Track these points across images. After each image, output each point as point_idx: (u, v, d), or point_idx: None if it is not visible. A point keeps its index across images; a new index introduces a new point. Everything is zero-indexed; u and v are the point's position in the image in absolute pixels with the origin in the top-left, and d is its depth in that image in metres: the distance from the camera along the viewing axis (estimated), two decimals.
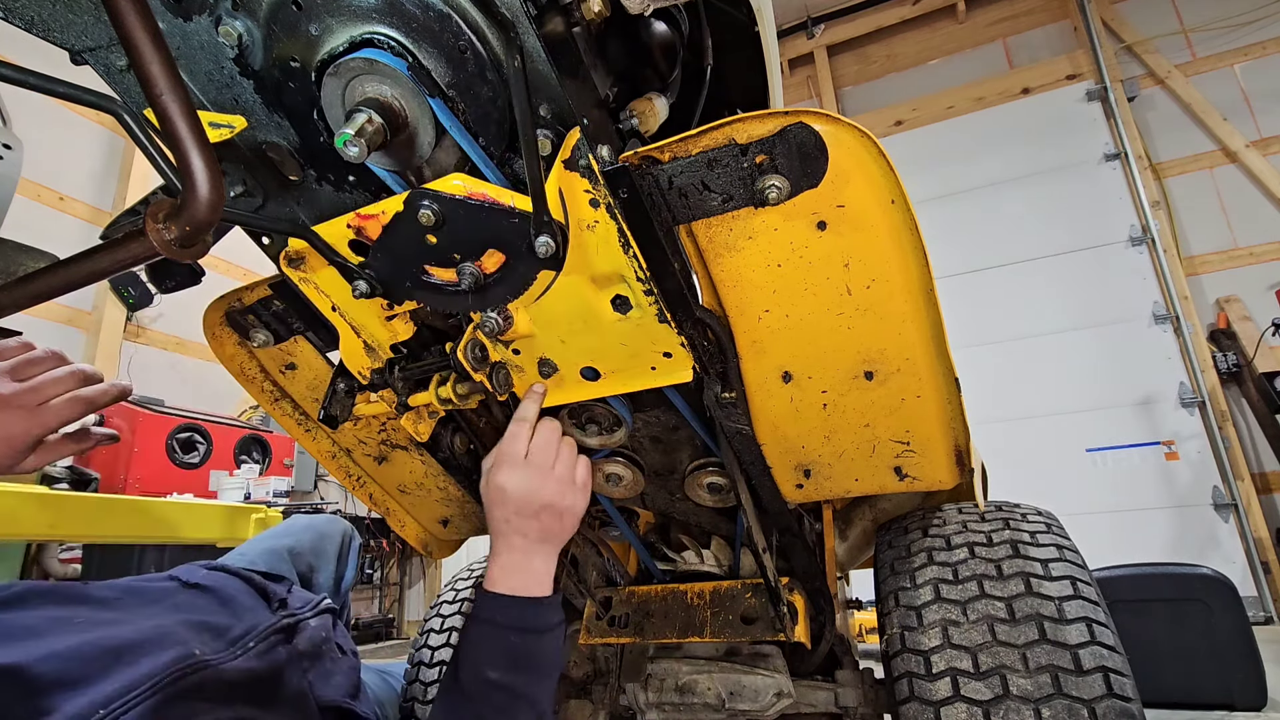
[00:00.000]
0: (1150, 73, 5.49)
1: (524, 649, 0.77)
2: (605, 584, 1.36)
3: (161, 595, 0.81)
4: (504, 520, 0.80)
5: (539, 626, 0.78)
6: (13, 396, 0.77)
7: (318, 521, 1.34)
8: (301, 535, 1.26)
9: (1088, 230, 5.29)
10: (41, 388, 0.79)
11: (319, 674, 0.84)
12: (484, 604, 0.78)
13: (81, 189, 4.68)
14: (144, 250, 0.50)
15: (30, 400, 0.78)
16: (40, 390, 0.79)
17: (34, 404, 0.78)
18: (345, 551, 1.34)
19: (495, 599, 0.78)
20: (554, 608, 0.81)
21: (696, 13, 0.92)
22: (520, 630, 0.77)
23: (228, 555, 1.15)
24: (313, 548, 1.26)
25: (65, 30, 0.63)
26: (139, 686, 0.58)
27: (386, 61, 0.61)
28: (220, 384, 5.17)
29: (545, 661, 0.78)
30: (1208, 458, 4.67)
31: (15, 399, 0.77)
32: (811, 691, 1.25)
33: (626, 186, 0.66)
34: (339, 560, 1.31)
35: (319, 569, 1.25)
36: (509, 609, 0.78)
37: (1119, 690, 0.80)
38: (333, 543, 1.31)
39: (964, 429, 0.88)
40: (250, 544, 1.20)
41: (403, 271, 0.76)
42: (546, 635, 0.79)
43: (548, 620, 0.79)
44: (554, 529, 0.81)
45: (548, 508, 0.80)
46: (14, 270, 1.11)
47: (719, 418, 0.90)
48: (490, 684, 0.74)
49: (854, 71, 6.64)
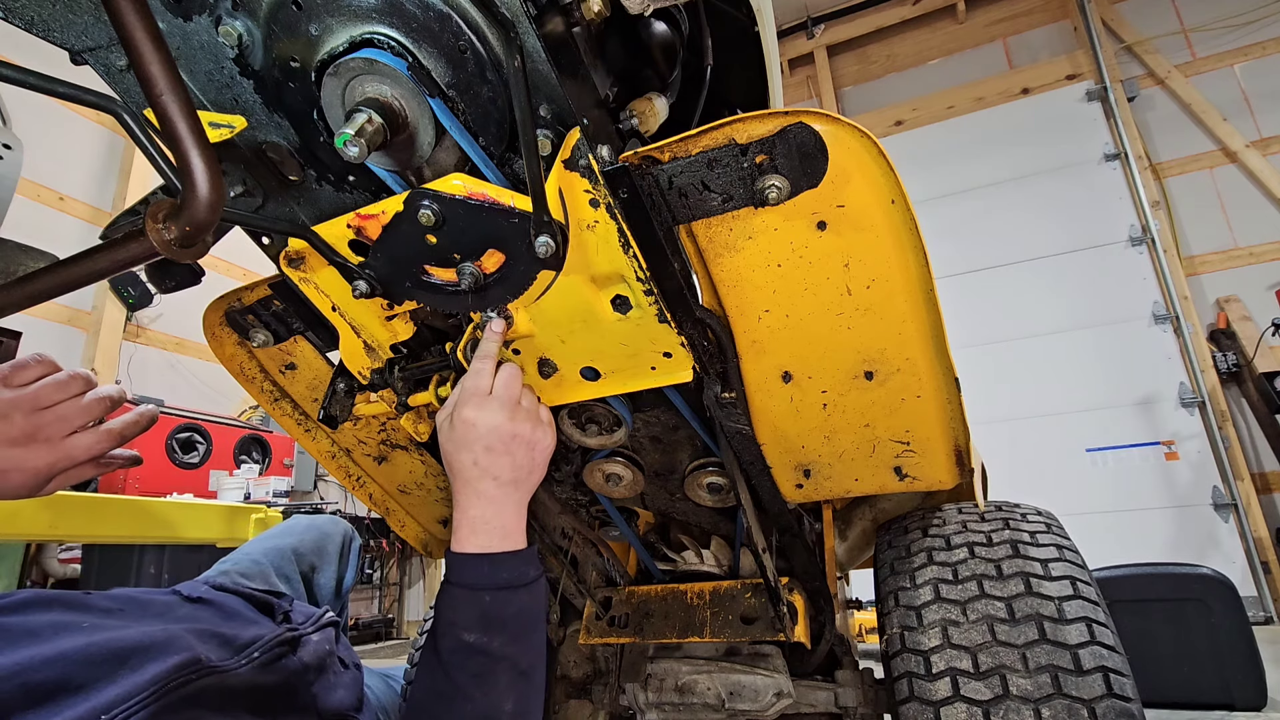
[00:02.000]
0: (1150, 73, 5.49)
1: (499, 608, 0.73)
2: (605, 584, 1.36)
3: (164, 609, 0.81)
4: (472, 463, 0.75)
5: (514, 582, 0.74)
6: (37, 430, 0.73)
7: (319, 521, 1.34)
8: (304, 535, 1.26)
9: (1088, 230, 5.29)
10: (69, 418, 0.75)
11: (323, 686, 0.83)
12: (454, 566, 0.74)
13: (81, 189, 4.69)
14: (144, 250, 0.50)
15: (56, 433, 0.74)
16: (68, 420, 0.75)
17: (59, 436, 0.74)
18: (346, 552, 1.34)
19: (466, 559, 0.74)
20: (529, 561, 0.77)
21: (696, 13, 0.92)
22: (494, 589, 0.73)
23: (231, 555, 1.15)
24: (315, 548, 1.26)
25: (65, 30, 0.63)
26: (143, 691, 0.58)
27: (386, 61, 0.61)
28: (220, 384, 5.17)
29: (524, 619, 0.75)
30: (1208, 458, 4.67)
31: (40, 432, 0.73)
32: (811, 691, 1.25)
33: (626, 186, 0.66)
34: (340, 560, 1.31)
35: (321, 569, 1.25)
36: (481, 567, 0.74)
37: (1119, 690, 0.80)
38: (334, 543, 1.31)
39: (964, 429, 0.88)
40: (253, 543, 1.20)
41: (403, 271, 0.76)
42: (522, 591, 0.75)
43: (524, 575, 0.75)
44: (525, 465, 0.78)
45: (518, 438, 0.76)
46: (14, 270, 1.11)
47: (719, 418, 0.90)
48: (468, 648, 0.71)
49: (854, 71, 6.65)
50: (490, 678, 0.71)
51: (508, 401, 0.77)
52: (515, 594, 0.74)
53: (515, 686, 0.72)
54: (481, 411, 0.76)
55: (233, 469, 4.17)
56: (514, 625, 0.73)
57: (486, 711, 0.69)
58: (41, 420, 0.74)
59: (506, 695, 0.71)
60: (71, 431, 0.76)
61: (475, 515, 0.75)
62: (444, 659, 0.71)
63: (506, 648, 0.72)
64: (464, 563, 0.74)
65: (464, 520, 0.76)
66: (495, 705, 0.70)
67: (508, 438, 0.76)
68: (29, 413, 0.73)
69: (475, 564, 0.74)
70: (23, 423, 0.72)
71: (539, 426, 0.80)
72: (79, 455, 0.77)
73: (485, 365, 0.78)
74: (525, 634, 0.75)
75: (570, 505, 1.28)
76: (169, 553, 2.83)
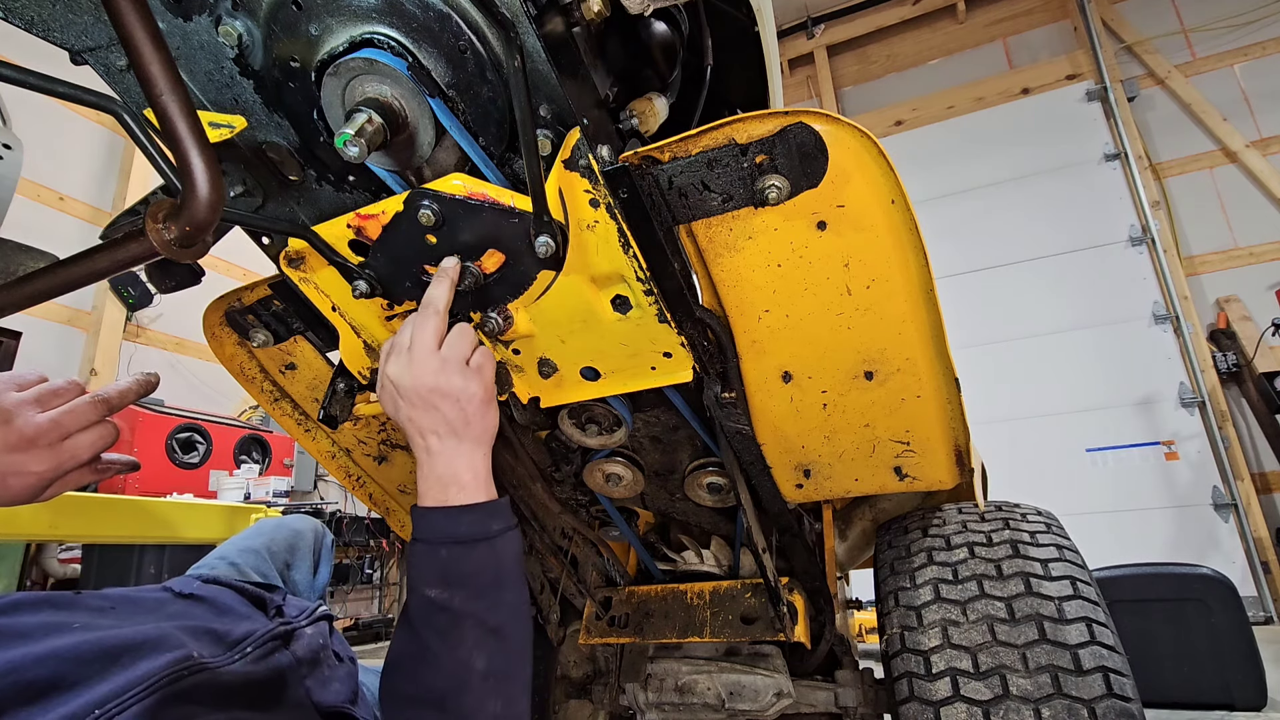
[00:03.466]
0: (1150, 73, 5.49)
1: (457, 563, 0.70)
2: (605, 584, 1.36)
3: (156, 605, 0.81)
4: (407, 419, 0.74)
5: (472, 536, 0.71)
6: (38, 435, 0.74)
7: (289, 520, 1.34)
8: (275, 534, 1.26)
9: (1088, 230, 5.29)
10: (64, 422, 0.76)
11: (317, 680, 0.83)
12: (415, 521, 0.73)
13: (81, 189, 4.68)
14: (144, 250, 0.50)
15: (54, 436, 0.75)
16: (62, 425, 0.76)
17: (57, 440, 0.75)
18: (319, 549, 1.34)
19: (423, 514, 0.72)
20: (492, 514, 0.74)
21: (696, 13, 0.92)
22: (451, 543, 0.71)
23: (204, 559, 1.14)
24: (288, 546, 1.26)
25: (65, 30, 0.63)
26: (135, 687, 0.58)
27: (386, 61, 0.61)
28: (220, 384, 5.17)
29: (486, 574, 0.72)
30: (1208, 458, 4.67)
31: (41, 437, 0.74)
32: (811, 691, 1.25)
33: (626, 186, 0.66)
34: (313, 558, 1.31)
35: (295, 566, 1.25)
36: (437, 521, 0.72)
37: (1119, 690, 0.80)
38: (306, 541, 1.31)
39: (964, 429, 0.88)
40: (225, 546, 1.19)
41: (403, 271, 0.76)
42: (483, 545, 0.72)
43: (484, 529, 0.72)
44: (458, 420, 0.74)
45: (436, 391, 0.73)
46: (14, 270, 1.11)
47: (719, 418, 0.90)
48: (431, 605, 0.69)
49: (854, 71, 6.64)
50: (455, 634, 0.68)
51: (423, 354, 0.73)
52: (473, 548, 0.71)
53: (485, 643, 0.69)
54: (393, 366, 0.73)
55: (233, 469, 4.17)
56: (476, 580, 0.71)
57: (453, 669, 0.68)
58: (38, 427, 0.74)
59: (475, 653, 0.68)
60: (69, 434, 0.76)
61: (428, 471, 0.74)
62: (412, 616, 0.70)
63: (468, 604, 0.70)
64: (422, 517, 0.73)
65: (420, 476, 0.74)
66: (462, 663, 0.68)
67: (426, 392, 0.73)
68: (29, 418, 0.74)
69: (431, 518, 0.72)
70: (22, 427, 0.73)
71: (457, 374, 0.74)
72: (82, 454, 0.77)
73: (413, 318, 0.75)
74: (490, 589, 0.72)
75: (570, 505, 1.28)
76: (169, 553, 2.83)
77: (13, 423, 0.72)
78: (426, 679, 0.68)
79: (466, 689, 0.67)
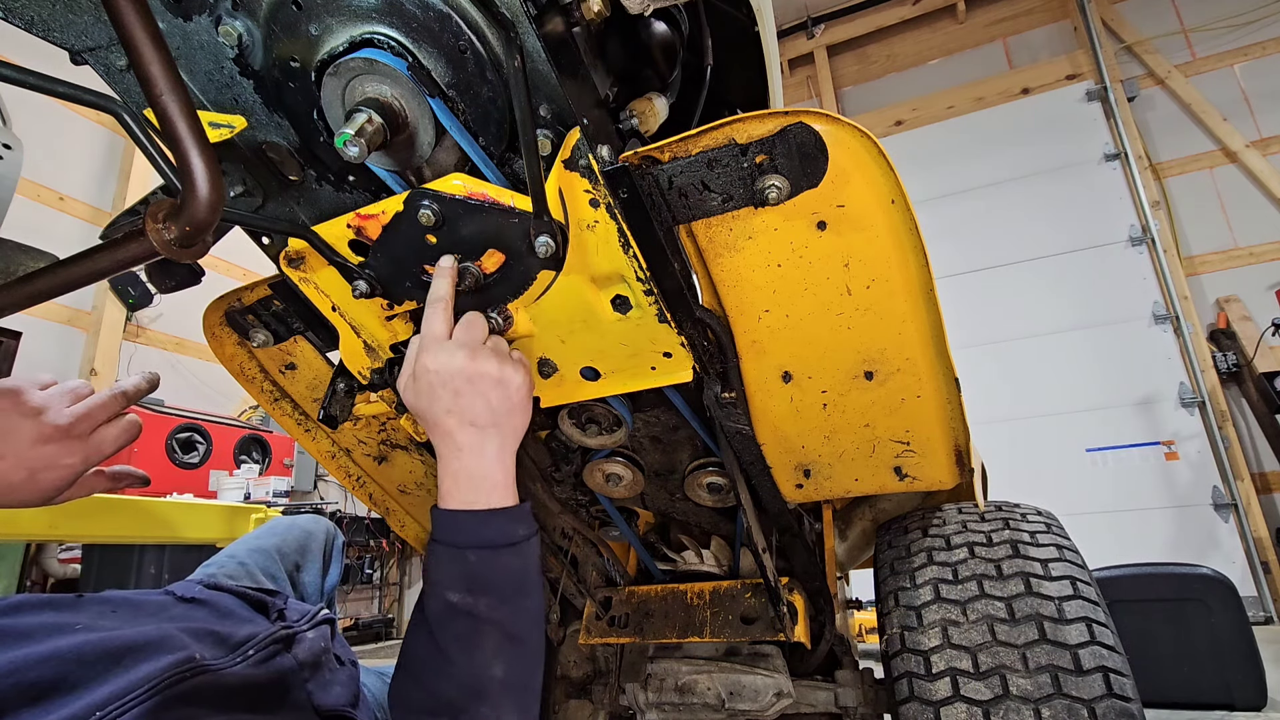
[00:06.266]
0: (1150, 73, 5.49)
1: (484, 568, 0.68)
2: (605, 584, 1.36)
3: (158, 609, 0.80)
4: (445, 411, 0.70)
5: (500, 541, 0.69)
6: (71, 425, 0.73)
7: (301, 521, 1.34)
8: (286, 535, 1.26)
9: (1088, 230, 5.29)
10: (94, 413, 0.76)
11: (318, 683, 0.83)
12: (438, 523, 0.70)
13: (81, 189, 4.68)
14: (144, 250, 0.50)
15: (85, 427, 0.75)
16: (93, 416, 0.76)
17: (88, 431, 0.75)
18: (330, 550, 1.34)
19: (449, 516, 0.70)
20: (518, 519, 0.72)
21: (696, 13, 0.92)
22: (478, 547, 0.68)
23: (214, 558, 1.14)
24: (299, 547, 1.26)
25: (65, 30, 0.63)
26: (137, 688, 0.58)
27: (386, 61, 0.61)
28: (220, 384, 5.17)
29: (512, 580, 0.70)
30: (1208, 458, 4.67)
31: (73, 427, 0.74)
32: (811, 691, 1.25)
33: (626, 186, 0.66)
34: (324, 559, 1.31)
35: (305, 567, 1.25)
36: (465, 525, 0.69)
37: (1119, 690, 0.80)
38: (317, 542, 1.31)
39: (964, 429, 0.88)
40: (236, 545, 1.19)
41: (403, 271, 0.76)
42: (507, 551, 0.69)
43: (511, 534, 0.70)
44: (502, 406, 0.72)
45: (485, 376, 0.70)
46: (14, 270, 1.11)
47: (719, 418, 0.90)
48: (452, 609, 0.67)
49: (854, 71, 6.65)
50: (475, 641, 0.67)
51: (468, 342, 0.72)
52: (501, 553, 0.69)
53: (505, 651, 0.68)
54: (440, 356, 0.70)
55: (233, 469, 4.17)
56: (502, 587, 0.69)
57: (473, 676, 0.66)
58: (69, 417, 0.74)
59: (494, 660, 0.67)
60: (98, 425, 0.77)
61: (456, 469, 0.71)
62: (430, 620, 0.68)
63: (494, 611, 0.68)
64: (446, 519, 0.70)
65: (445, 475, 0.71)
66: (482, 669, 0.66)
67: (475, 377, 0.70)
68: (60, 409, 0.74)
69: (458, 520, 0.70)
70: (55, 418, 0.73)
71: (507, 363, 0.73)
72: (107, 448, 0.78)
73: (437, 309, 0.72)
74: (514, 596, 0.70)
75: (570, 505, 1.28)
76: (169, 553, 2.83)
77: (44, 415, 0.73)
78: (443, 685, 0.67)
79: (484, 697, 0.66)
